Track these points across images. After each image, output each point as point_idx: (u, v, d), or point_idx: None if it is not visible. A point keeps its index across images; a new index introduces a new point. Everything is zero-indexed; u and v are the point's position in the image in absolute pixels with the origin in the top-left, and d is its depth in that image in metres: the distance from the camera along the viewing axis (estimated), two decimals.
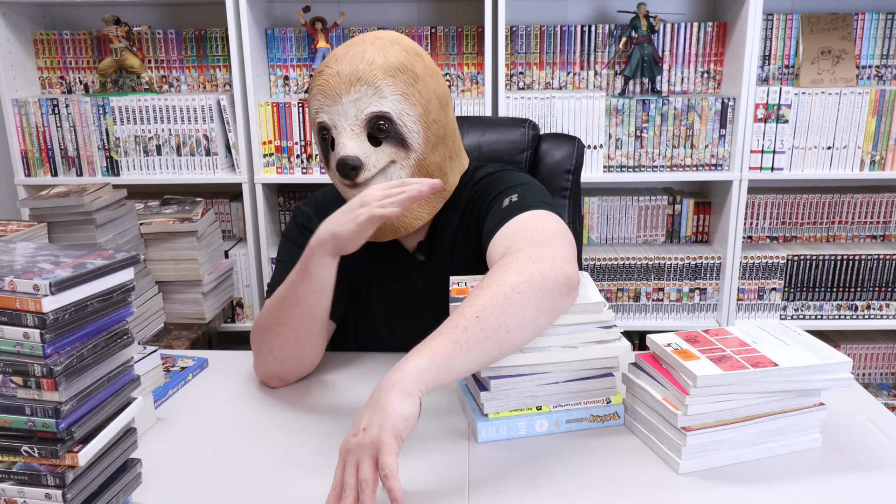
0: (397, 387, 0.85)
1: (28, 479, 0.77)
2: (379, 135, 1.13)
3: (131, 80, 2.43)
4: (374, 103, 1.12)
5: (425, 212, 1.20)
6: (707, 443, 0.92)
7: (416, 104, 1.14)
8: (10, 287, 0.73)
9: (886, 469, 0.93)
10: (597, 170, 2.25)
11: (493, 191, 1.21)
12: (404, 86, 1.13)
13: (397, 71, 1.12)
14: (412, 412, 0.84)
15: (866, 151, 2.22)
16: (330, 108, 1.13)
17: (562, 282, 0.96)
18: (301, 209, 1.32)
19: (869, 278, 2.29)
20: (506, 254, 1.02)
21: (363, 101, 1.11)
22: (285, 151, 2.26)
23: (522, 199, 1.15)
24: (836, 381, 0.94)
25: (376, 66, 1.11)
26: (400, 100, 1.13)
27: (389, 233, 1.19)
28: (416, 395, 0.85)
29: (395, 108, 1.12)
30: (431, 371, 0.87)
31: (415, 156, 1.15)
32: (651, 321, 2.34)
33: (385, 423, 0.82)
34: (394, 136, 1.13)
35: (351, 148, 1.11)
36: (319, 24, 2.29)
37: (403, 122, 1.13)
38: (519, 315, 0.93)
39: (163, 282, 1.89)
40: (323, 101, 1.14)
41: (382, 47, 1.13)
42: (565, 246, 1.02)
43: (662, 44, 2.33)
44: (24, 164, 2.31)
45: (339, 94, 1.12)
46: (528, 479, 0.91)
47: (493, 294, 0.93)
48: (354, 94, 1.11)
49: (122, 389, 0.85)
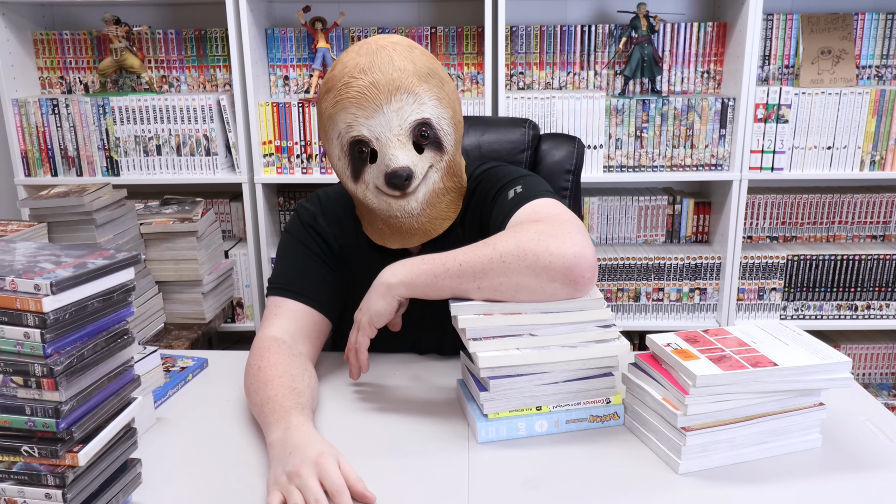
0: (377, 290, 1.07)
1: (28, 479, 0.77)
2: (423, 142, 1.13)
3: (131, 80, 2.43)
4: (416, 110, 1.10)
5: (452, 211, 1.21)
6: (707, 443, 0.92)
7: (448, 107, 1.15)
8: (10, 287, 0.73)
9: (886, 469, 0.93)
10: (597, 170, 2.25)
11: (496, 185, 1.21)
12: (437, 90, 1.13)
13: (428, 76, 1.12)
14: (386, 309, 1.06)
15: (866, 151, 2.22)
16: (370, 121, 1.09)
17: (558, 269, 0.96)
18: (305, 207, 1.32)
19: (869, 278, 2.29)
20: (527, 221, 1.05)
21: (405, 109, 1.09)
22: (285, 151, 2.26)
23: (527, 188, 1.15)
24: (835, 381, 0.94)
25: (409, 73, 1.09)
26: (437, 105, 1.13)
27: (420, 237, 1.20)
28: (390, 298, 1.06)
29: (434, 114, 1.12)
30: (403, 288, 1.05)
31: (447, 158, 1.16)
32: (651, 321, 2.34)
33: (365, 314, 1.08)
34: (433, 142, 1.14)
35: (402, 159, 1.09)
36: (319, 24, 2.29)
37: (441, 127, 1.14)
38: (496, 281, 1.00)
39: (163, 282, 1.89)
40: (359, 113, 1.09)
41: (405, 52, 1.11)
42: (580, 233, 1.00)
43: (662, 44, 2.33)
44: (24, 164, 2.31)
45: (379, 105, 1.08)
46: (527, 480, 0.91)
47: (484, 253, 1.01)
48: (396, 103, 1.09)
49: (122, 389, 0.85)
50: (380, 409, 1.10)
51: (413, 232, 1.19)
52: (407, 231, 1.19)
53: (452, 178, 1.20)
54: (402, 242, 1.21)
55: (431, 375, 1.20)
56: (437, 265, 1.03)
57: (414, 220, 1.17)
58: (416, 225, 1.18)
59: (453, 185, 1.21)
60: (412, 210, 1.15)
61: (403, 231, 1.19)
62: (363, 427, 1.05)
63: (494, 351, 0.97)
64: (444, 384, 1.17)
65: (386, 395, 1.14)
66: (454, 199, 1.21)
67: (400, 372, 1.22)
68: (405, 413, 1.08)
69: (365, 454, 0.97)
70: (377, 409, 1.10)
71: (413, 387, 1.17)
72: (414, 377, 1.20)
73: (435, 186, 1.16)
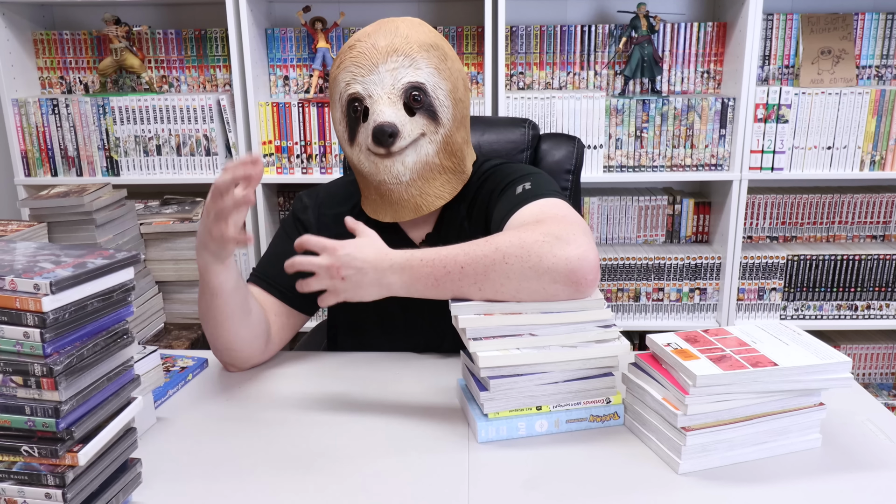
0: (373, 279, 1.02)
1: (28, 479, 0.77)
2: (414, 105, 1.15)
3: (131, 80, 2.43)
4: (411, 73, 1.14)
5: (447, 191, 1.22)
6: (707, 443, 0.92)
7: (447, 80, 1.17)
8: (10, 286, 0.73)
9: (886, 469, 0.93)
10: (597, 170, 2.25)
11: (504, 179, 1.22)
12: (437, 61, 1.17)
13: (430, 47, 1.16)
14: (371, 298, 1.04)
15: (866, 151, 2.22)
16: (365, 78, 1.14)
17: (561, 272, 0.96)
18: (301, 199, 1.33)
19: (869, 278, 2.29)
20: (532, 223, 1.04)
21: (400, 70, 1.14)
22: (285, 151, 2.26)
23: (536, 186, 1.16)
24: (835, 381, 0.94)
25: (412, 41, 1.15)
26: (434, 73, 1.16)
27: (410, 211, 1.20)
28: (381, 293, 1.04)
29: (430, 81, 1.16)
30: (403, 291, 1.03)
31: (443, 131, 1.18)
32: (651, 321, 2.34)
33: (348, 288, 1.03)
34: (427, 108, 1.16)
35: (388, 115, 1.13)
36: (319, 24, 2.29)
37: (436, 95, 1.16)
38: (497, 282, 0.99)
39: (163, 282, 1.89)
40: (356, 71, 1.15)
41: (413, 25, 1.17)
42: (584, 236, 1.00)
43: (662, 44, 2.33)
44: (24, 164, 2.31)
45: (375, 63, 1.13)
46: (527, 479, 0.91)
47: (486, 253, 0.99)
48: (391, 63, 1.13)
49: (122, 389, 0.85)
50: (380, 409, 1.10)
51: (403, 204, 1.19)
52: (397, 201, 1.19)
53: (450, 158, 1.20)
54: (393, 215, 1.21)
55: (431, 375, 1.20)
56: (438, 268, 1.01)
57: (403, 188, 1.18)
58: (406, 196, 1.19)
59: (451, 165, 1.21)
60: (399, 174, 1.16)
61: (394, 201, 1.20)
62: (363, 427, 1.05)
63: (495, 351, 0.97)
64: (444, 384, 1.17)
65: (386, 394, 1.14)
66: (450, 179, 1.22)
67: (400, 372, 1.22)
68: (405, 413, 1.08)
69: (365, 454, 0.97)
70: (377, 409, 1.09)
71: (413, 387, 1.17)
72: (414, 377, 1.20)
73: (428, 159, 1.17)
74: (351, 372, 1.23)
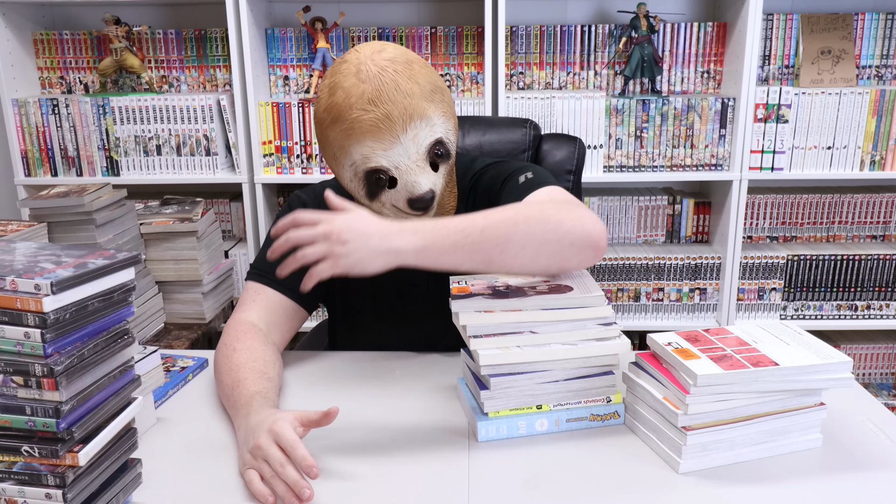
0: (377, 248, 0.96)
1: (28, 479, 0.77)
2: (438, 161, 1.14)
3: (131, 80, 2.43)
4: (430, 133, 1.10)
5: (452, 201, 1.23)
6: (707, 442, 0.92)
7: (451, 116, 1.16)
8: (11, 286, 0.73)
9: (886, 469, 0.93)
10: (597, 170, 2.25)
11: (503, 173, 1.24)
12: (441, 105, 1.13)
13: (432, 93, 1.11)
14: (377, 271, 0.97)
15: (866, 151, 2.22)
16: (388, 152, 1.08)
17: (579, 235, 1.01)
18: (299, 196, 1.32)
19: (869, 278, 2.29)
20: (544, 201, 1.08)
21: (420, 135, 1.09)
22: (285, 151, 2.26)
23: (538, 175, 1.19)
24: (836, 381, 0.94)
25: (417, 96, 1.08)
26: (444, 119, 1.13)
27: None
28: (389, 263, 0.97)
29: (444, 129, 1.13)
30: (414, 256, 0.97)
31: (451, 161, 1.18)
32: (651, 321, 2.34)
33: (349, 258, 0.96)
34: (445, 155, 1.15)
35: (425, 184, 1.10)
36: (319, 24, 2.29)
37: (450, 139, 1.15)
38: (518, 245, 1.00)
39: (163, 282, 1.89)
40: (375, 146, 1.08)
41: (407, 72, 1.09)
42: (592, 213, 1.07)
43: (662, 44, 2.33)
44: (24, 164, 2.31)
45: (395, 136, 1.08)
46: (528, 479, 0.91)
47: (506, 216, 1.00)
48: (412, 131, 1.08)
49: (122, 389, 0.85)
50: (380, 408, 1.10)
51: None
52: None
53: (451, 174, 1.22)
54: None
55: (431, 374, 1.20)
56: (455, 232, 0.97)
57: None
58: None
59: (451, 176, 1.23)
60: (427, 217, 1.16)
61: None
62: (363, 426, 1.04)
63: (495, 349, 0.97)
64: (444, 383, 1.17)
65: (386, 394, 1.14)
66: (453, 188, 1.24)
67: (400, 371, 1.22)
68: (405, 412, 1.08)
69: (365, 453, 0.97)
70: (377, 409, 1.09)
71: (413, 386, 1.17)
72: (414, 376, 1.20)
73: (444, 188, 1.18)
74: (351, 371, 1.23)
